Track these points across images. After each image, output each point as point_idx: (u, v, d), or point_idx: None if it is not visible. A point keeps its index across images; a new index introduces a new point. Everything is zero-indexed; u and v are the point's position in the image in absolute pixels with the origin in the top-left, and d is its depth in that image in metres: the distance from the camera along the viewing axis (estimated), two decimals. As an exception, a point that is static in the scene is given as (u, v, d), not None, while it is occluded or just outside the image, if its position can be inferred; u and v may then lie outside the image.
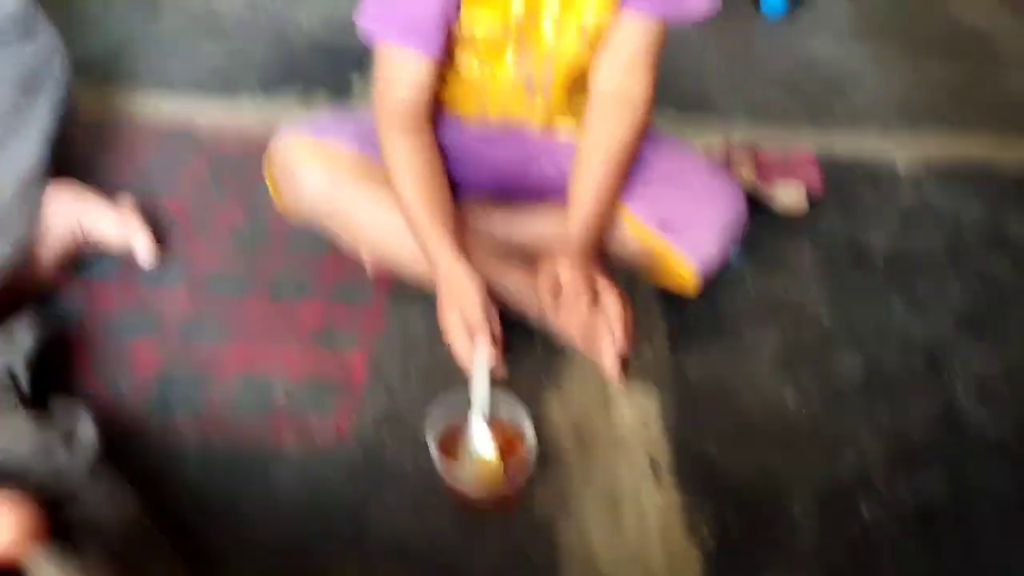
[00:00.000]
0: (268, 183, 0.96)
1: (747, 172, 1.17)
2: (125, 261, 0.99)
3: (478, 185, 1.00)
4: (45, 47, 0.94)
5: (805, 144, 1.25)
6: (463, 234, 0.88)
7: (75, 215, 0.94)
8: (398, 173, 0.88)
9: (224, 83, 1.33)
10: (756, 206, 1.10)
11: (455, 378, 0.82)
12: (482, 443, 0.78)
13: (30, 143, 0.91)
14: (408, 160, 0.87)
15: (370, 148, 0.91)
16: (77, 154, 1.07)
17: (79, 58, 1.04)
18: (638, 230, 0.93)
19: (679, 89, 1.35)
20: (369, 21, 0.86)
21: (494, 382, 0.79)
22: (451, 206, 0.89)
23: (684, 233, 0.91)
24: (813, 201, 1.16)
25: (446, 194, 0.89)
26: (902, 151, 1.29)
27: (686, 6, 0.87)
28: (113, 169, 1.13)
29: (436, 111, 0.93)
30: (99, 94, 1.24)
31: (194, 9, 1.51)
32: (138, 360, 0.89)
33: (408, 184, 0.87)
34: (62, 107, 0.96)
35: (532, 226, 0.99)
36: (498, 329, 0.82)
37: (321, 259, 1.01)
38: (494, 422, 0.80)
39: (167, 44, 1.41)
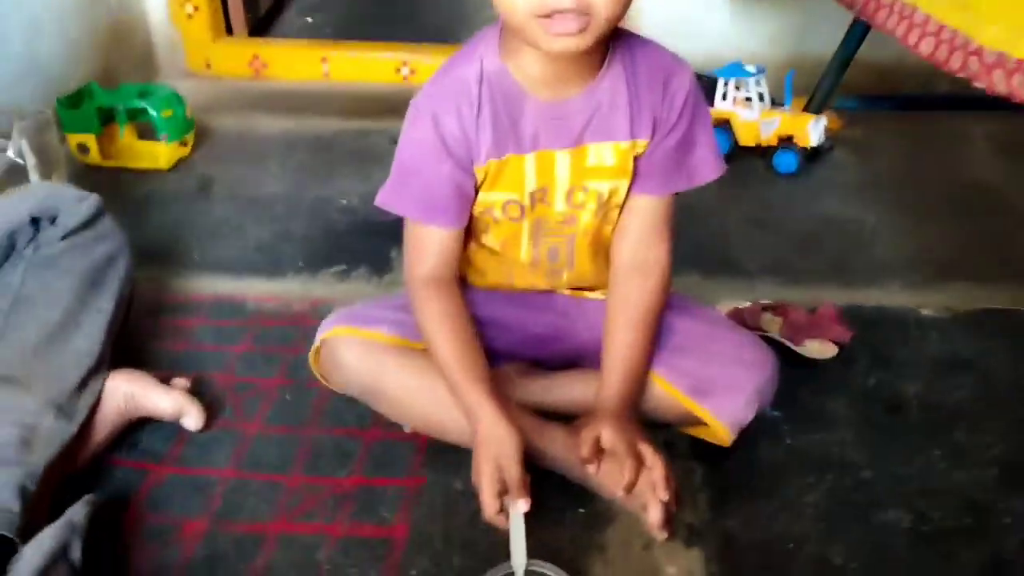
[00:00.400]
0: (314, 369, 1.02)
1: (777, 332, 1.20)
2: (174, 437, 1.03)
3: (511, 350, 1.03)
4: (113, 247, 1.04)
5: (830, 300, 1.29)
6: (501, 393, 0.91)
7: (130, 396, 0.99)
8: (433, 335, 0.92)
9: (270, 262, 1.41)
10: (787, 357, 1.12)
11: (499, 546, 0.83)
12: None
13: (93, 334, 0.97)
14: (441, 321, 0.92)
15: (410, 334, 0.96)
16: (133, 332, 1.14)
17: (139, 244, 1.13)
18: (671, 394, 0.96)
19: (702, 253, 1.41)
20: (389, 198, 0.92)
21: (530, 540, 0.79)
22: (487, 365, 0.92)
23: (716, 398, 0.94)
24: (842, 349, 1.18)
25: (481, 353, 0.92)
26: (926, 302, 1.32)
27: (694, 177, 0.93)
28: (166, 347, 1.19)
29: (464, 283, 0.99)
30: (155, 276, 1.32)
31: (243, 193, 1.62)
32: (185, 532, 0.91)
33: (443, 344, 0.91)
34: (124, 300, 1.04)
35: (569, 392, 1.02)
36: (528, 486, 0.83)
37: (363, 430, 1.04)
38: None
39: (218, 227, 1.51)
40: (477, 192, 0.90)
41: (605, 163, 0.90)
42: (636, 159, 0.91)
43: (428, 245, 0.92)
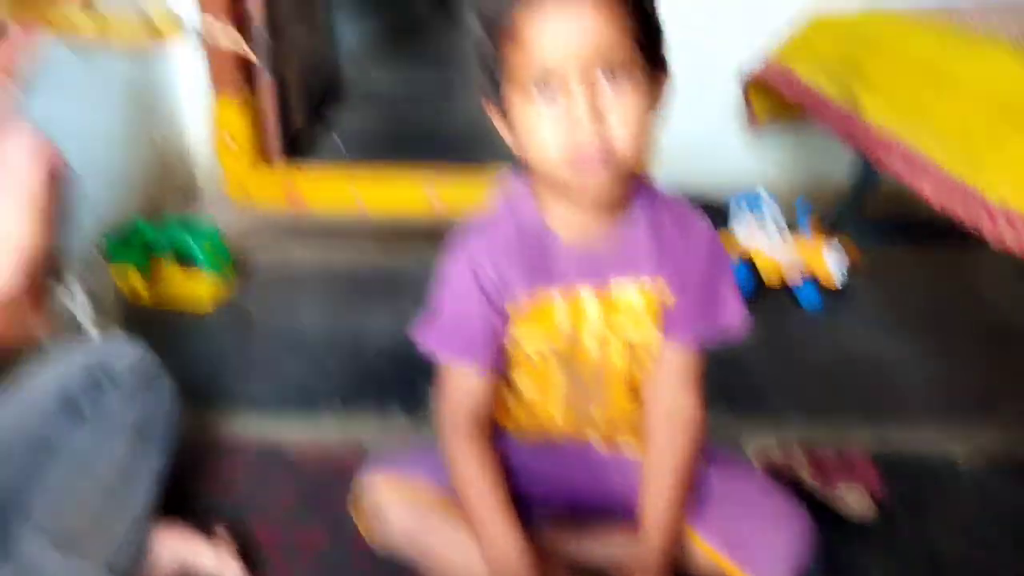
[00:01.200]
0: (355, 518, 1.03)
1: (807, 476, 1.21)
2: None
3: (544, 501, 1.04)
4: (161, 396, 1.06)
5: (859, 439, 1.30)
6: (532, 544, 0.92)
7: (178, 555, 1.01)
8: (463, 478, 0.94)
9: (306, 399, 1.44)
10: (823, 510, 1.13)
11: None
12: None
13: (145, 490, 0.99)
14: (470, 464, 0.94)
15: (448, 480, 0.97)
16: (176, 474, 1.16)
17: (180, 381, 1.15)
18: (706, 551, 0.96)
19: (730, 391, 1.42)
20: (423, 337, 0.96)
21: None
22: (512, 507, 0.93)
23: (753, 559, 0.94)
24: (876, 502, 1.18)
25: (507, 495, 0.94)
26: (958, 445, 1.32)
27: (719, 322, 0.96)
28: (208, 491, 1.21)
29: (498, 432, 1.01)
30: (195, 416, 1.34)
31: (280, 328, 1.67)
32: None
33: (473, 485, 0.93)
34: (171, 450, 1.05)
35: (604, 548, 1.03)
36: None
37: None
38: None
39: (256, 362, 1.55)
40: (510, 329, 0.95)
41: (632, 303, 0.94)
42: (664, 311, 0.94)
43: (461, 385, 0.95)
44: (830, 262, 1.74)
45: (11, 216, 0.78)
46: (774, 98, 1.97)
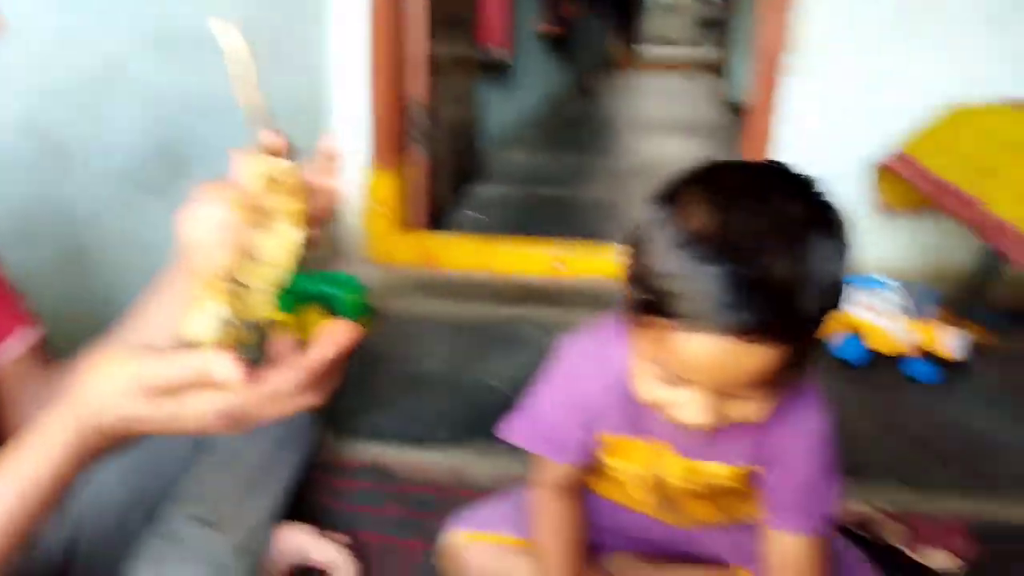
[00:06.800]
0: (439, 563, 1.12)
1: (893, 536, 1.22)
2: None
3: (628, 548, 1.08)
4: (304, 417, 1.20)
5: (955, 509, 1.28)
6: None
7: (299, 546, 1.16)
8: (541, 523, 0.99)
9: (421, 433, 1.57)
10: (911, 571, 1.13)
11: None
12: None
13: (278, 489, 1.13)
14: (552, 513, 0.99)
15: (527, 532, 1.03)
16: (301, 488, 1.31)
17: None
18: None
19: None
20: (517, 437, 0.97)
21: None
22: (584, 565, 0.98)
23: None
24: (964, 563, 1.17)
25: (582, 551, 0.99)
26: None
27: (812, 514, 0.91)
28: (326, 502, 1.35)
29: (586, 490, 1.04)
30: (325, 438, 1.50)
31: (406, 370, 1.83)
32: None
33: (547, 531, 0.98)
34: (305, 460, 1.20)
35: None
36: None
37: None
38: None
39: (379, 397, 1.70)
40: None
41: (719, 475, 0.92)
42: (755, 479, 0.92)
43: (553, 470, 0.99)
44: (948, 338, 1.72)
45: None
46: (904, 186, 2.00)
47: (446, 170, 2.76)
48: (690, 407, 0.75)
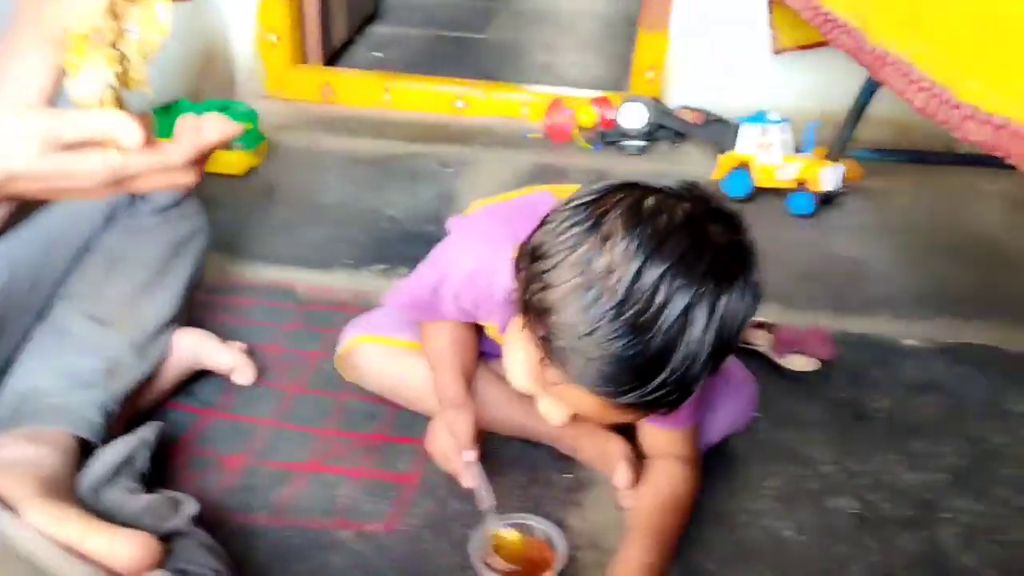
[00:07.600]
0: (340, 371, 1.20)
1: (766, 345, 1.33)
2: (225, 389, 1.20)
3: None
4: (195, 225, 1.20)
5: (822, 323, 1.41)
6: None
7: (195, 349, 1.17)
8: (433, 331, 1.07)
9: (322, 259, 1.59)
10: (771, 368, 1.26)
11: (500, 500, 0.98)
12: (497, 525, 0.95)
13: (172, 292, 1.14)
14: (444, 326, 1.07)
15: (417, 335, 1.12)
16: (196, 305, 1.31)
17: (209, 234, 1.31)
18: None
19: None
20: (398, 300, 1.10)
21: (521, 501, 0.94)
22: (471, 367, 1.07)
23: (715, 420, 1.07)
24: (824, 365, 1.30)
25: (470, 358, 1.08)
26: (911, 333, 1.43)
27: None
28: (224, 320, 1.36)
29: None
30: (220, 262, 1.50)
31: (303, 200, 1.82)
32: (226, 467, 1.07)
33: (439, 338, 1.07)
34: (199, 268, 1.21)
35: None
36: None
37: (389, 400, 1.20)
38: (528, 537, 0.95)
39: (278, 227, 1.70)
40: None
41: None
42: None
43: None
44: (824, 174, 1.83)
45: None
46: (796, 21, 2.03)
47: (342, 4, 2.65)
48: (554, 412, 0.87)
